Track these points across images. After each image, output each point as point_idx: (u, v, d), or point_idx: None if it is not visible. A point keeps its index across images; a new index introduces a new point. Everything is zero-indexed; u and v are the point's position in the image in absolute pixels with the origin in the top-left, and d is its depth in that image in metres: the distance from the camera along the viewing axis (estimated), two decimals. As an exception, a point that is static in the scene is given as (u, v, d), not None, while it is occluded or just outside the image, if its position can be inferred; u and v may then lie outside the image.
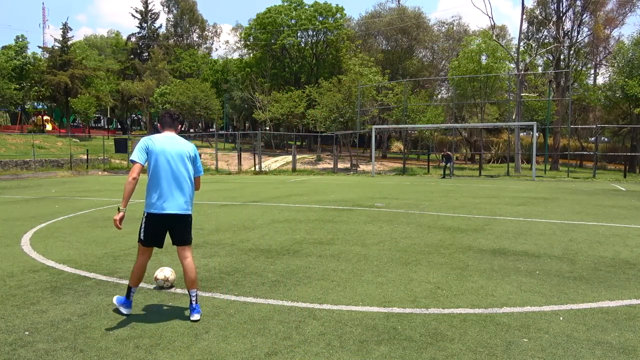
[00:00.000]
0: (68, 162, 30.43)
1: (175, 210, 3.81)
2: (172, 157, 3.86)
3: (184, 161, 3.91)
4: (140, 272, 3.92)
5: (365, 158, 37.65)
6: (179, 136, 4.05)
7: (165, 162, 3.83)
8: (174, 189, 3.83)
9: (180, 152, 3.91)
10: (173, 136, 4.01)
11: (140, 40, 59.02)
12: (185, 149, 3.95)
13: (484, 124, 34.90)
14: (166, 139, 3.93)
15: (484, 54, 36.36)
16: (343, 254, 6.15)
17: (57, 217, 9.59)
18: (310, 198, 13.43)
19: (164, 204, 3.78)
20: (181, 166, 3.89)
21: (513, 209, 10.96)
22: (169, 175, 3.83)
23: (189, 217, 3.96)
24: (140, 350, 3.19)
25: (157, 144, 3.86)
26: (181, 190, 3.87)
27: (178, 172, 3.87)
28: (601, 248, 6.51)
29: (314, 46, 47.03)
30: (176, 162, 3.87)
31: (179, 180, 3.86)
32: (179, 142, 3.96)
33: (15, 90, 40.79)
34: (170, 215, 3.81)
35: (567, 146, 31.21)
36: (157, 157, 3.83)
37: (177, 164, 3.87)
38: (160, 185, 3.80)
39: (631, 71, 32.36)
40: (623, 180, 24.45)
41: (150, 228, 3.84)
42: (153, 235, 3.86)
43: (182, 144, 3.97)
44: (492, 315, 3.87)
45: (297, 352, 3.17)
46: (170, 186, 3.82)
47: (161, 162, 3.82)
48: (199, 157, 4.08)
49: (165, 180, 3.81)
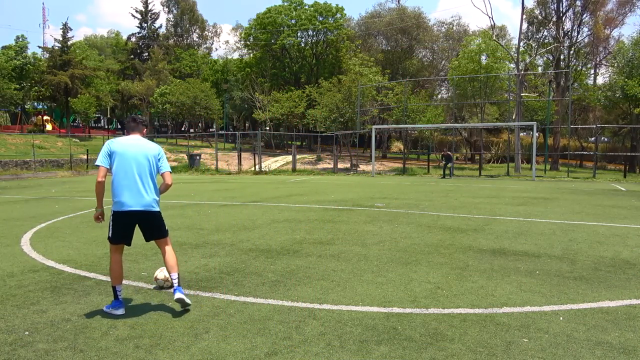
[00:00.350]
0: (68, 162, 30.44)
1: (138, 207, 3.95)
2: (134, 157, 4.00)
3: (147, 161, 4.04)
4: (118, 270, 4.02)
5: (365, 158, 37.66)
6: (144, 138, 4.19)
7: (127, 161, 3.97)
8: (136, 187, 3.95)
9: (143, 152, 4.05)
10: (137, 138, 4.15)
11: (140, 40, 59.01)
12: (149, 149, 4.09)
13: (484, 124, 34.90)
14: (128, 140, 4.09)
15: (484, 54, 36.37)
16: (343, 254, 6.15)
17: (57, 217, 9.59)
18: (310, 198, 13.43)
19: (127, 202, 3.92)
20: (144, 165, 4.02)
21: (513, 209, 10.96)
22: (131, 174, 3.96)
23: (157, 213, 4.09)
24: (140, 350, 3.19)
25: (119, 145, 4.02)
26: (144, 188, 3.99)
27: (140, 171, 3.99)
28: (601, 248, 6.51)
29: (314, 46, 47.03)
30: (138, 161, 4.00)
31: (141, 179, 3.99)
32: (141, 143, 4.10)
33: (15, 90, 40.77)
34: (134, 212, 3.95)
35: (567, 146, 31.21)
36: (120, 157, 3.98)
37: (140, 164, 4.00)
38: (122, 184, 3.94)
39: (631, 71, 32.36)
40: (623, 180, 24.45)
41: (118, 226, 3.97)
42: (121, 232, 3.99)
43: (145, 145, 4.11)
44: (492, 315, 3.87)
45: (297, 352, 3.17)
46: (133, 185, 3.95)
47: (123, 162, 3.97)
48: (164, 157, 4.22)
49: (127, 179, 3.95)
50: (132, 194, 3.93)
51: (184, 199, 13.44)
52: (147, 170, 4.03)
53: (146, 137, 4.32)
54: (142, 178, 3.99)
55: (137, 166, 3.99)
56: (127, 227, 4.01)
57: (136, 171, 3.97)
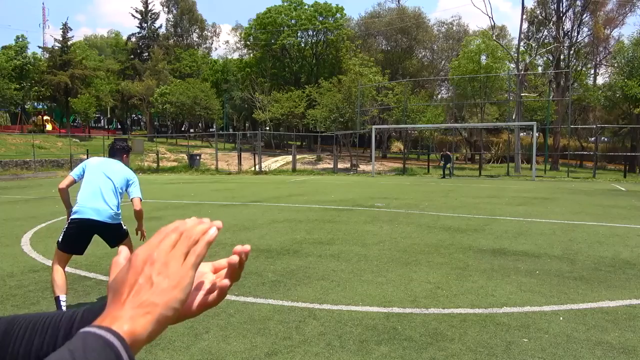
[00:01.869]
0: (68, 162, 30.43)
1: (95, 217, 3.97)
2: (103, 173, 4.10)
3: (114, 179, 4.11)
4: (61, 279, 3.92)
5: (365, 158, 37.64)
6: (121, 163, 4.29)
7: (95, 175, 4.07)
8: (96, 198, 4.01)
9: (114, 171, 4.14)
10: (115, 162, 4.26)
11: (140, 40, 58.97)
12: (121, 172, 4.19)
13: (484, 124, 34.89)
14: (106, 160, 4.24)
15: (484, 54, 36.36)
16: (343, 254, 6.14)
17: (57, 217, 9.59)
18: (310, 198, 13.42)
19: (84, 211, 3.97)
20: (110, 182, 4.09)
21: (513, 209, 10.96)
22: (94, 185, 4.03)
23: (114, 226, 4.11)
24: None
25: (94, 162, 4.19)
26: (104, 201, 4.03)
27: (105, 186, 4.05)
28: (601, 248, 6.51)
29: (314, 46, 47.02)
30: (106, 177, 4.09)
31: (102, 192, 4.04)
32: (116, 167, 4.21)
33: (15, 90, 40.76)
34: (90, 221, 3.96)
35: (567, 146, 31.21)
36: (90, 171, 4.11)
37: (106, 179, 4.08)
38: (83, 194, 4.02)
39: (631, 71, 32.36)
40: (623, 180, 24.45)
41: (71, 234, 3.99)
42: (73, 241, 4.00)
43: (120, 168, 4.22)
44: (492, 315, 3.87)
45: (297, 352, 3.17)
46: (94, 195, 4.01)
47: (91, 175, 4.08)
48: (137, 183, 4.28)
49: (90, 190, 4.02)
50: (90, 204, 3.98)
51: (184, 199, 13.44)
52: (112, 187, 4.08)
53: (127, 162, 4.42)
54: (105, 192, 4.04)
55: (103, 181, 4.07)
56: (82, 236, 4.04)
57: (101, 185, 4.04)
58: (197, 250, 0.53)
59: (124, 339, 0.47)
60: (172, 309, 0.51)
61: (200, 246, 0.54)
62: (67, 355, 0.45)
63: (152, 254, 0.52)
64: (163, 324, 0.51)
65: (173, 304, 0.51)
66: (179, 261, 0.52)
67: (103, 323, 0.49)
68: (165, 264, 0.51)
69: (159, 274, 0.51)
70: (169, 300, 0.50)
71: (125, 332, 0.48)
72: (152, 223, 8.02)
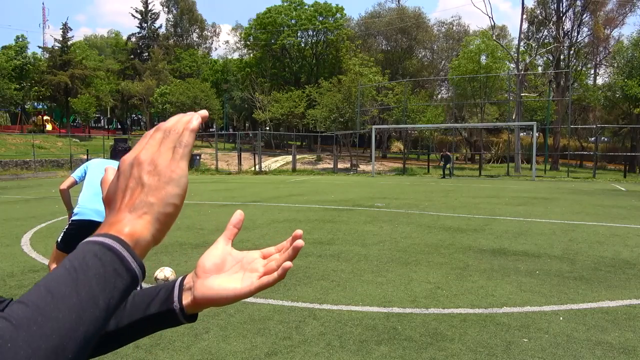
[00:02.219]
0: (68, 162, 30.43)
1: (95, 218, 4.00)
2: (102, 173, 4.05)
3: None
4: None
5: (365, 158, 37.64)
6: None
7: (96, 176, 4.14)
8: (97, 200, 4.02)
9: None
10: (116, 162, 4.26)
11: (140, 40, 58.97)
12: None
13: (484, 124, 34.89)
14: (107, 161, 4.32)
15: (484, 54, 36.36)
16: (343, 254, 6.14)
17: (57, 217, 9.58)
18: (310, 198, 13.42)
19: (85, 212, 4.01)
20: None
21: (513, 209, 10.96)
22: (95, 187, 4.08)
23: None
24: (140, 350, 3.19)
25: (95, 163, 4.27)
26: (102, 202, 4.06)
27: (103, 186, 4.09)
28: (601, 248, 6.51)
29: (314, 46, 47.02)
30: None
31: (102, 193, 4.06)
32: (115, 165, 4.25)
33: (15, 90, 40.76)
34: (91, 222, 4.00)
35: (567, 146, 31.20)
36: (91, 172, 4.17)
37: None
38: (85, 195, 4.07)
39: (631, 71, 32.36)
40: (623, 180, 24.45)
41: (71, 234, 4.02)
42: (72, 241, 4.02)
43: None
44: (492, 315, 3.87)
45: (297, 352, 3.17)
46: (95, 197, 4.04)
47: (92, 177, 4.15)
48: None
49: (91, 191, 4.07)
50: (91, 205, 4.02)
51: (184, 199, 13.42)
52: None
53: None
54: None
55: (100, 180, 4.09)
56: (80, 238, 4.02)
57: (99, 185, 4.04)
58: (183, 140, 0.52)
59: (124, 241, 0.47)
60: (170, 205, 0.50)
61: (186, 136, 0.52)
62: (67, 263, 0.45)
63: (139, 156, 0.51)
64: (164, 222, 0.50)
65: (169, 200, 0.50)
66: (167, 156, 0.51)
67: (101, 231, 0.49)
68: (153, 163, 0.50)
69: (148, 174, 0.50)
70: (164, 196, 0.50)
71: (126, 235, 0.48)
72: (152, 223, 7.93)
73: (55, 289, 0.42)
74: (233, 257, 0.64)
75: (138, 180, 0.50)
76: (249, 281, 0.61)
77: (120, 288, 0.46)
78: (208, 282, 0.62)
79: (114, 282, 0.45)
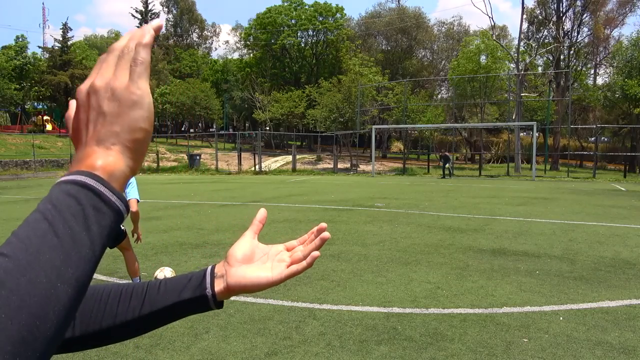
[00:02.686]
0: (68, 162, 30.43)
1: None
2: None
3: None
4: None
5: (365, 158, 37.64)
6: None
7: None
8: None
9: None
10: None
11: (140, 40, 59.01)
12: None
13: (484, 124, 34.89)
14: None
15: (484, 54, 36.37)
16: (343, 254, 6.14)
17: (57, 217, 9.58)
18: (310, 198, 13.42)
19: None
20: None
21: (513, 209, 10.96)
22: None
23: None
24: (140, 350, 3.19)
25: None
26: None
27: None
28: (601, 248, 6.51)
29: (314, 46, 47.03)
30: None
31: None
32: None
33: (15, 90, 40.77)
34: None
35: (567, 146, 31.20)
36: None
37: None
38: None
39: (631, 71, 32.36)
40: (623, 180, 24.45)
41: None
42: None
43: None
44: (492, 315, 3.87)
45: (297, 352, 3.17)
46: None
47: None
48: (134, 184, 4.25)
49: None
50: None
51: (184, 199, 13.44)
52: None
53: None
54: None
55: None
56: None
57: None
58: (138, 58, 0.48)
59: (98, 176, 0.44)
60: (138, 130, 0.47)
61: (141, 52, 0.48)
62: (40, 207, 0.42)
63: (94, 84, 0.48)
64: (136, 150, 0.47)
65: (137, 124, 0.47)
66: (124, 79, 0.47)
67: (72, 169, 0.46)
68: (110, 88, 0.47)
69: (107, 100, 0.47)
70: (129, 122, 0.47)
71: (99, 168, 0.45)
72: (152, 223, 8.06)
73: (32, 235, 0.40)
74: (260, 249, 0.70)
75: (98, 110, 0.47)
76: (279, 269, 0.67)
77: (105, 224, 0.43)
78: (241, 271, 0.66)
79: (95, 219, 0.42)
